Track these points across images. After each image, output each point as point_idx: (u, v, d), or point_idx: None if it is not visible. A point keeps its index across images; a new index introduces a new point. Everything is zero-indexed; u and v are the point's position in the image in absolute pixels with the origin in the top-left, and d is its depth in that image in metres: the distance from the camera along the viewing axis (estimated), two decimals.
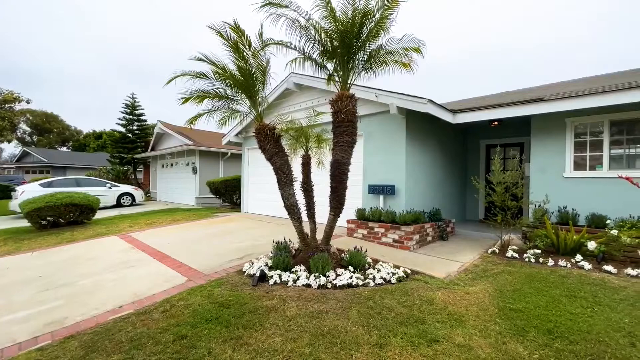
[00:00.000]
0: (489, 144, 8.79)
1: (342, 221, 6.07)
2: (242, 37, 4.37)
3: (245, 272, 4.39)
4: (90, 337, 2.81)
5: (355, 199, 7.13)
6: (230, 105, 4.90)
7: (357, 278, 3.96)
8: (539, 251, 4.93)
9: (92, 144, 39.58)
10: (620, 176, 4.84)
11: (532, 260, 4.71)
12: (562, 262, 4.49)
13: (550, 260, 4.61)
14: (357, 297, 3.49)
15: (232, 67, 4.53)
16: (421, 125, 6.81)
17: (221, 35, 4.28)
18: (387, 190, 6.56)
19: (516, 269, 4.39)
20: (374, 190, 6.80)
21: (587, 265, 4.31)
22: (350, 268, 4.28)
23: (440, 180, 7.73)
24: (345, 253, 4.65)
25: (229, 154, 14.80)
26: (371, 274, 4.13)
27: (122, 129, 20.77)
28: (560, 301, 3.31)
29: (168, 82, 4.42)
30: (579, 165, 5.80)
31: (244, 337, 2.73)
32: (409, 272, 4.31)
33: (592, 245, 4.62)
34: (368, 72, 4.73)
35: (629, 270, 4.09)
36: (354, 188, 7.08)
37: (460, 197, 8.76)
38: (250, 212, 10.47)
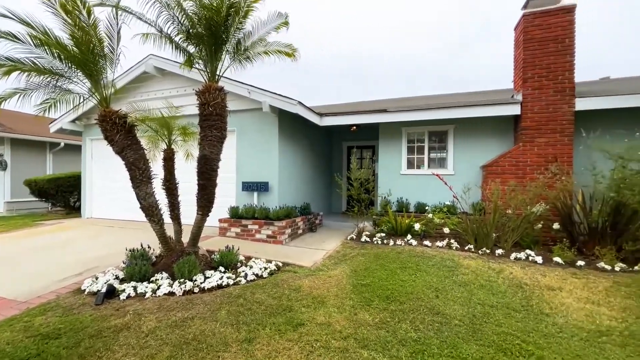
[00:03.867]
0: (349, 145, 10.10)
1: (214, 221, 5.76)
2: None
3: (85, 290, 3.58)
4: None
5: (229, 197, 6.89)
6: (60, 84, 3.85)
7: (228, 278, 3.85)
8: (384, 234, 6.04)
9: None
10: (434, 173, 6.49)
11: (379, 242, 5.72)
12: (399, 242, 5.64)
13: (391, 240, 5.71)
14: (227, 297, 3.39)
15: (61, 34, 3.57)
16: (293, 124, 7.19)
17: None
18: (261, 187, 6.63)
19: (367, 250, 5.23)
20: (248, 187, 6.75)
21: (414, 242, 5.56)
22: (221, 268, 4.12)
23: (310, 176, 8.37)
24: (216, 253, 4.44)
25: (62, 144, 11.66)
26: (243, 271, 4.09)
27: None
28: (396, 272, 4.16)
29: None
30: (410, 164, 7.40)
31: None
32: (281, 264, 4.50)
33: (417, 226, 6.00)
34: (241, 64, 4.63)
35: (438, 243, 5.52)
36: (227, 185, 6.84)
37: (326, 191, 9.74)
38: (97, 217, 8.58)
